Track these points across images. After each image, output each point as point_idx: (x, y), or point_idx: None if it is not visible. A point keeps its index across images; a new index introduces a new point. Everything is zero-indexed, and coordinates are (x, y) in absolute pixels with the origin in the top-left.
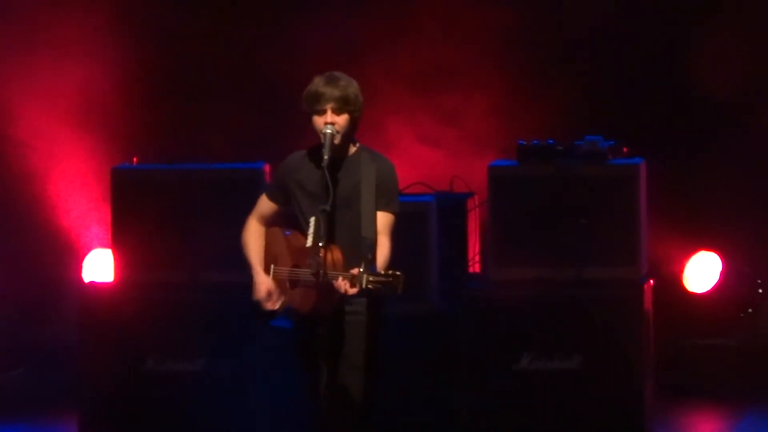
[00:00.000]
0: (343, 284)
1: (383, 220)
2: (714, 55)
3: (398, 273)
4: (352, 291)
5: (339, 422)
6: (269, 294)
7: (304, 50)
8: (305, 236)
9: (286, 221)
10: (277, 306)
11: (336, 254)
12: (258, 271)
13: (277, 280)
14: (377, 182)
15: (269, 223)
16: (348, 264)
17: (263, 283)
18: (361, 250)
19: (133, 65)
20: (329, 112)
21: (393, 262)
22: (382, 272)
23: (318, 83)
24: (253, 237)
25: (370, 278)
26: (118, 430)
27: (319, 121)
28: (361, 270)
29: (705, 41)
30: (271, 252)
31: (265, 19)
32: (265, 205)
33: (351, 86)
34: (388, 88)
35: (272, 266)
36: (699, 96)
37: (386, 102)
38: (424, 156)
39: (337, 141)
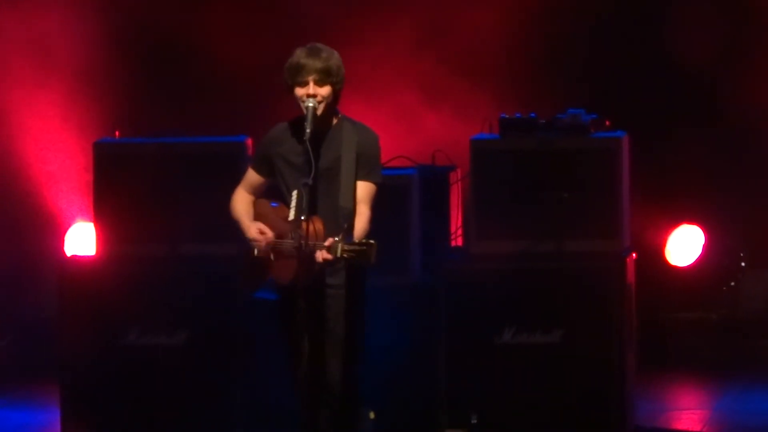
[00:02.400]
0: (320, 253)
1: (364, 189)
2: (695, 27)
3: (372, 242)
4: (327, 257)
5: (321, 396)
6: (261, 232)
7: (287, 23)
8: (289, 208)
9: (272, 194)
10: (270, 241)
11: (317, 225)
12: (245, 220)
13: (261, 252)
14: (358, 152)
15: (257, 194)
16: (328, 235)
17: (252, 225)
18: (338, 219)
19: (116, 38)
20: (311, 84)
21: (374, 235)
22: (357, 242)
23: (300, 55)
24: (240, 201)
25: (345, 247)
26: (99, 404)
27: (301, 92)
28: (337, 239)
29: (685, 13)
30: (258, 222)
31: None
32: (251, 177)
33: (333, 58)
34: (371, 62)
35: None
36: (680, 69)
37: (369, 75)
38: (407, 129)
39: (319, 112)
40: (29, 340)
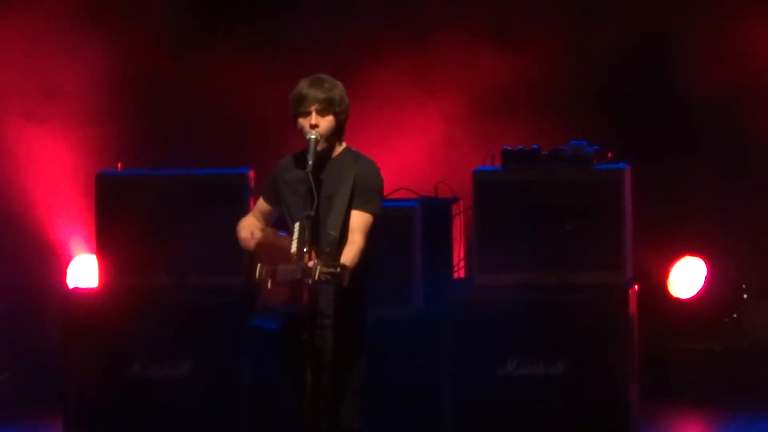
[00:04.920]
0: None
1: (360, 218)
2: (697, 60)
3: (346, 265)
4: (308, 281)
5: (321, 426)
6: (251, 229)
7: (290, 56)
8: (293, 239)
9: (283, 224)
10: (254, 241)
11: (313, 255)
12: (242, 227)
13: (261, 277)
14: (356, 181)
15: (266, 222)
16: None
17: (247, 226)
18: (321, 244)
19: (117, 70)
20: (314, 114)
21: (377, 266)
22: (332, 263)
23: (303, 85)
24: (247, 222)
25: (322, 270)
26: None
27: (304, 123)
28: (315, 262)
29: (687, 47)
30: (262, 250)
31: (256, 25)
32: (261, 205)
33: (336, 88)
34: (373, 93)
35: (259, 264)
36: (683, 101)
37: (371, 106)
38: (409, 161)
39: (319, 147)
40: (33, 372)
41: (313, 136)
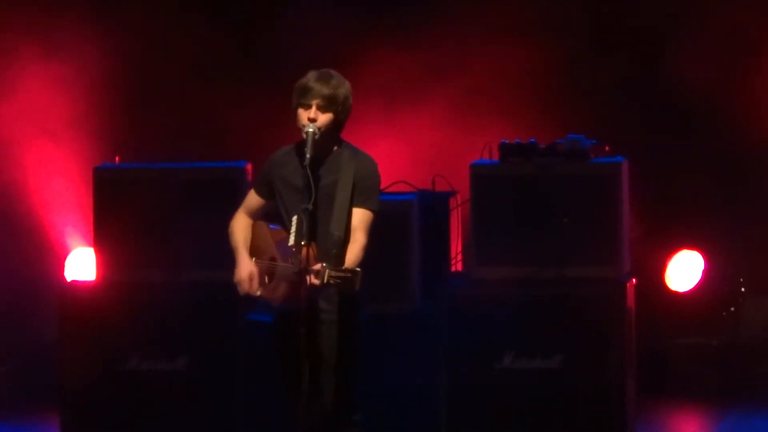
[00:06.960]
0: (309, 278)
1: (360, 216)
2: (692, 53)
3: (358, 269)
4: (314, 282)
5: (317, 420)
6: (251, 277)
7: (291, 49)
8: (288, 231)
9: (271, 217)
10: (257, 293)
11: (312, 251)
12: (242, 254)
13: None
14: (355, 179)
15: (257, 217)
16: (318, 260)
17: (246, 266)
18: (327, 245)
19: (115, 63)
20: (314, 108)
21: (374, 261)
22: (342, 268)
23: (310, 77)
24: (239, 227)
25: (332, 273)
26: (100, 430)
27: (303, 114)
28: (324, 265)
29: (685, 41)
30: (255, 244)
31: (251, 19)
32: (252, 199)
33: (342, 87)
34: (372, 86)
35: (253, 258)
36: (680, 94)
37: (369, 100)
38: (406, 154)
39: (316, 137)
40: (30, 366)
41: (310, 130)
